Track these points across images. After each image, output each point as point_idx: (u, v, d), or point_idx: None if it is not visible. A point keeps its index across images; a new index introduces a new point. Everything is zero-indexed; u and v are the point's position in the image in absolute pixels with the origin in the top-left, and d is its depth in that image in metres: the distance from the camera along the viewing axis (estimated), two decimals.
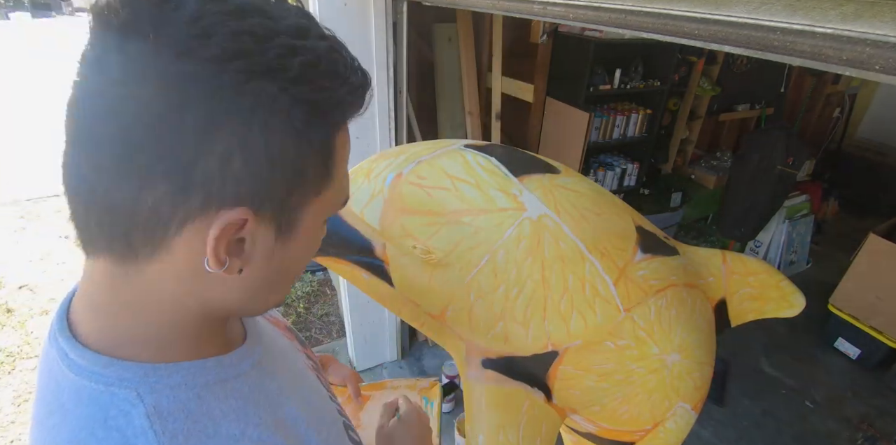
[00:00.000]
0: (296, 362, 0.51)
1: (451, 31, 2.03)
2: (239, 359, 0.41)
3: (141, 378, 0.34)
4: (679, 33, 0.55)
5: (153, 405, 0.33)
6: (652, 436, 0.78)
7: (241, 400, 0.38)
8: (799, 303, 0.88)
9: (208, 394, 0.36)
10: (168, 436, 0.32)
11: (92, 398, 0.33)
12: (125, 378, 0.34)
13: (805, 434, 2.05)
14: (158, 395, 0.34)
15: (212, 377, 0.37)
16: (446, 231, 0.70)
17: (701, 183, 3.35)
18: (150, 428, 0.32)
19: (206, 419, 0.35)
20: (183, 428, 0.33)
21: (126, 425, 0.32)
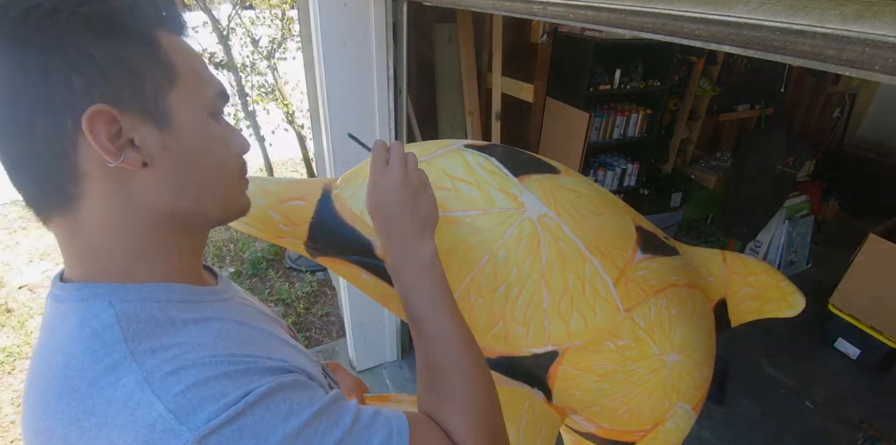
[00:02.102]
0: (272, 320, 0.54)
1: (451, 31, 2.03)
2: (206, 292, 0.46)
3: (112, 292, 0.40)
4: (679, 33, 0.55)
5: (122, 310, 0.39)
6: (652, 436, 0.78)
7: (204, 314, 0.43)
8: (799, 303, 0.88)
9: (172, 308, 0.41)
10: (132, 331, 0.38)
11: (71, 312, 0.40)
12: (97, 293, 0.40)
13: (805, 434, 2.05)
14: (127, 304, 0.40)
15: (176, 296, 0.43)
16: (446, 231, 0.70)
17: (701, 183, 3.35)
18: (116, 324, 0.38)
19: (168, 323, 0.40)
20: (146, 327, 0.38)
21: (97, 323, 0.38)
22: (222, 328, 0.42)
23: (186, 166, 0.43)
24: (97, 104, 0.37)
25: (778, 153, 2.55)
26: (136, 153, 0.39)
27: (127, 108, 0.39)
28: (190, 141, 0.42)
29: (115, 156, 0.38)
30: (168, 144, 0.41)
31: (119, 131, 0.39)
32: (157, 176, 0.41)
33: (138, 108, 0.39)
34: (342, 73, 1.46)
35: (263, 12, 3.07)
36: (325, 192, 0.79)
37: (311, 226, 0.77)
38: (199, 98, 0.44)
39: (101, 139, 0.37)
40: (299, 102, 3.39)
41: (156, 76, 0.40)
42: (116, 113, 0.38)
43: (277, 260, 3.11)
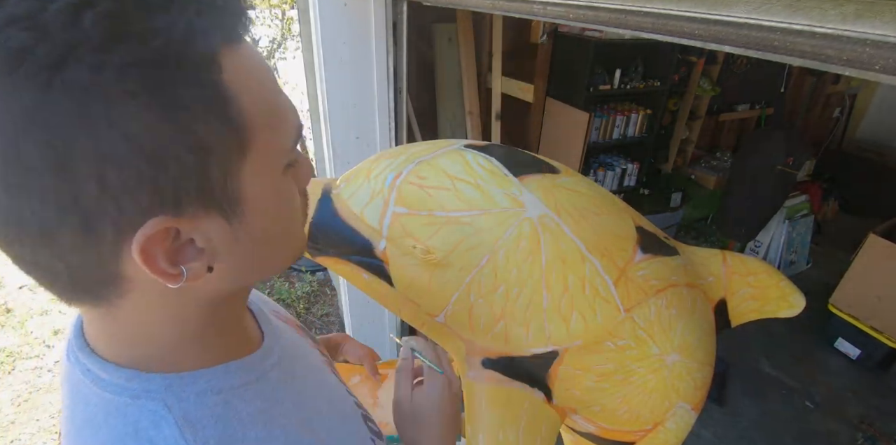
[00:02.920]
0: (312, 359, 0.51)
1: (451, 31, 2.03)
2: (260, 360, 0.40)
3: (166, 388, 0.34)
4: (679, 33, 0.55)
5: (181, 413, 0.33)
6: (652, 436, 0.78)
7: (266, 402, 0.37)
8: (799, 303, 0.88)
9: (234, 398, 0.36)
10: (200, 443, 0.32)
11: (120, 411, 0.33)
12: (150, 389, 0.33)
13: (805, 434, 2.04)
14: (185, 403, 0.33)
15: (236, 380, 0.37)
16: (446, 231, 0.70)
17: (701, 183, 3.35)
18: (181, 437, 0.32)
19: (235, 422, 0.34)
20: (213, 434, 0.33)
21: (157, 435, 0.32)
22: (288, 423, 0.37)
23: (259, 247, 0.34)
24: (150, 219, 0.27)
25: (778, 153, 2.55)
26: (199, 262, 0.31)
27: (186, 208, 0.28)
28: (264, 218, 0.33)
29: (177, 278, 0.30)
30: (238, 234, 0.32)
31: (177, 236, 0.29)
32: (223, 270, 0.33)
33: (201, 203, 0.29)
34: (342, 73, 1.46)
35: (263, 12, 3.07)
36: (325, 192, 0.79)
37: (311, 226, 0.77)
38: (277, 154, 0.32)
39: (160, 265, 0.29)
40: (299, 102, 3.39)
41: (224, 146, 0.28)
42: (174, 221, 0.28)
43: None
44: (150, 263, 0.28)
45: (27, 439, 1.95)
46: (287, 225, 0.37)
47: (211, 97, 0.27)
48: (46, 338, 2.47)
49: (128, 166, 0.25)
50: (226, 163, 0.29)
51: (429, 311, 0.75)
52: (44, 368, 2.30)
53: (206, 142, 0.27)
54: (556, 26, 2.30)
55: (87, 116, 0.24)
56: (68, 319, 0.51)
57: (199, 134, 0.27)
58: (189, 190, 0.28)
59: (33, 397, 2.14)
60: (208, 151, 0.28)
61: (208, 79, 0.27)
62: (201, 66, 0.26)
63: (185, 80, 0.26)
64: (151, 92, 0.25)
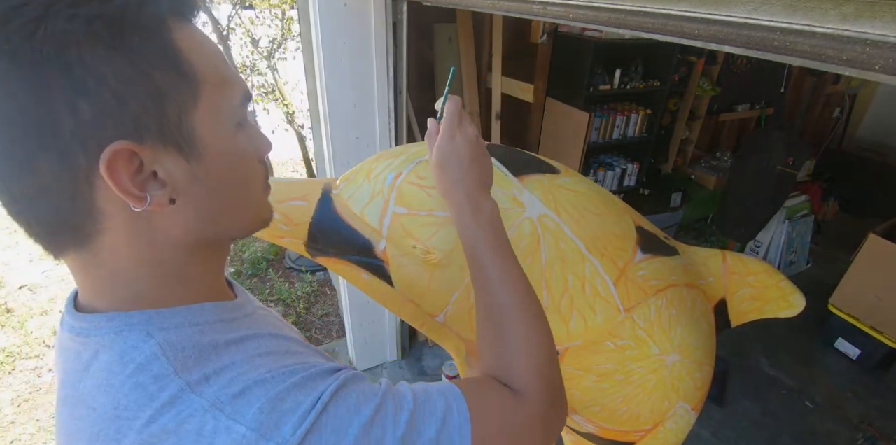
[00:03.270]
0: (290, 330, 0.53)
1: (451, 31, 2.03)
2: (233, 308, 0.44)
3: (147, 321, 0.37)
4: (679, 33, 0.55)
5: (162, 339, 0.36)
6: (652, 436, 0.78)
7: (240, 333, 0.41)
8: (799, 303, 0.88)
9: (209, 330, 0.39)
10: (178, 360, 0.35)
11: (105, 346, 0.36)
12: (131, 323, 0.37)
13: (805, 434, 2.05)
14: (166, 332, 0.37)
15: (210, 317, 0.40)
16: (446, 231, 0.70)
17: (701, 183, 3.35)
18: (161, 355, 0.35)
19: (210, 347, 0.37)
20: (191, 354, 0.36)
21: (139, 356, 0.35)
22: (262, 344, 0.41)
23: (216, 193, 0.39)
24: (114, 142, 0.32)
25: (778, 153, 2.55)
26: (161, 190, 0.35)
27: (147, 139, 0.33)
28: (219, 165, 0.38)
29: (140, 201, 0.34)
30: (197, 174, 0.36)
31: (140, 167, 0.34)
32: (186, 209, 0.37)
33: (160, 137, 0.34)
34: (342, 72, 1.46)
35: (263, 12, 3.07)
36: (326, 192, 0.79)
37: (311, 226, 0.77)
38: (226, 109, 0.38)
39: (124, 183, 0.33)
40: (299, 102, 3.39)
41: (178, 92, 0.34)
42: (136, 147, 0.33)
43: (277, 260, 3.11)
44: (116, 179, 0.32)
45: (27, 439, 1.95)
46: (244, 179, 0.41)
47: (163, 50, 0.33)
48: (46, 338, 2.47)
49: (96, 99, 0.31)
50: (179, 105, 0.34)
51: (429, 311, 0.75)
52: (44, 368, 2.30)
53: (161, 86, 0.33)
54: (556, 26, 2.30)
55: (64, 58, 0.29)
56: None
57: (155, 78, 0.33)
58: (149, 123, 0.33)
59: (33, 397, 2.14)
60: (163, 94, 0.33)
61: (160, 36, 0.33)
62: (154, 25, 0.33)
63: (141, 34, 0.32)
64: (113, 39, 0.31)
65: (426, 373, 2.26)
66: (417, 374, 2.26)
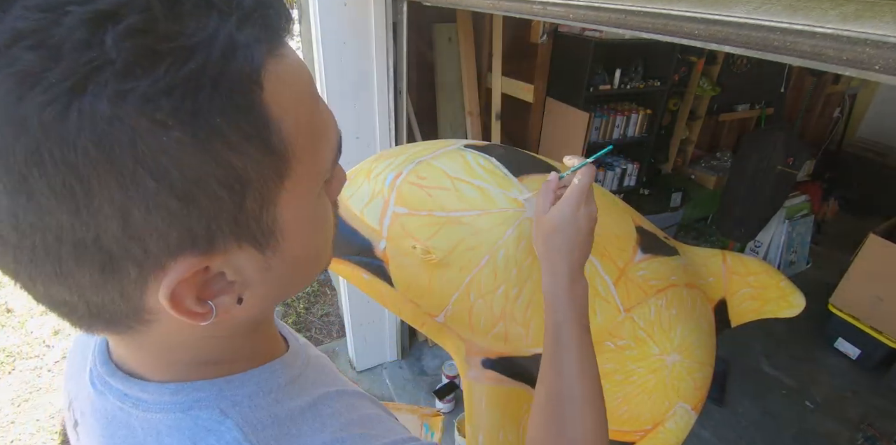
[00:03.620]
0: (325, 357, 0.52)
1: (451, 31, 2.03)
2: (294, 358, 0.39)
3: (217, 394, 0.32)
4: (679, 33, 0.55)
5: (240, 416, 0.31)
6: (652, 436, 0.78)
7: (311, 396, 0.37)
8: (799, 303, 0.88)
9: (283, 396, 0.35)
10: (262, 442, 0.31)
11: (173, 428, 0.31)
12: (201, 398, 0.31)
13: (805, 434, 2.05)
14: (240, 407, 0.32)
15: (282, 378, 0.36)
16: (446, 231, 0.70)
17: (701, 183, 3.35)
18: (244, 440, 0.30)
19: (289, 420, 0.33)
20: (272, 433, 0.32)
21: (218, 441, 0.30)
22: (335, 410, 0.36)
23: (290, 272, 0.32)
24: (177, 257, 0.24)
25: (778, 153, 2.55)
26: (228, 295, 0.28)
27: (218, 243, 0.26)
28: (299, 245, 0.30)
29: (205, 317, 0.27)
30: (271, 264, 0.29)
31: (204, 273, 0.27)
32: (254, 298, 0.31)
33: (235, 237, 0.26)
34: (342, 73, 1.46)
35: None
36: None
37: None
38: (317, 176, 0.30)
39: (186, 307, 0.26)
40: None
41: (263, 176, 0.25)
42: (205, 259, 0.25)
43: None
44: (178, 306, 0.26)
45: (27, 439, 1.95)
46: (320, 245, 0.34)
47: (251, 123, 0.24)
48: (46, 338, 2.47)
49: (155, 205, 0.22)
50: (263, 194, 0.26)
51: (429, 311, 0.75)
52: (44, 368, 2.29)
53: (243, 174, 0.24)
54: (556, 26, 2.30)
55: (108, 151, 0.20)
56: None
57: (237, 165, 0.24)
58: (223, 226, 0.25)
59: (33, 397, 2.14)
60: (245, 184, 0.25)
61: (249, 102, 0.23)
62: (242, 87, 0.23)
63: (224, 107, 0.22)
64: (184, 122, 0.21)
65: (426, 373, 2.26)
66: (417, 374, 2.26)
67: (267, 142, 0.25)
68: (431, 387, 2.13)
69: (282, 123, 0.25)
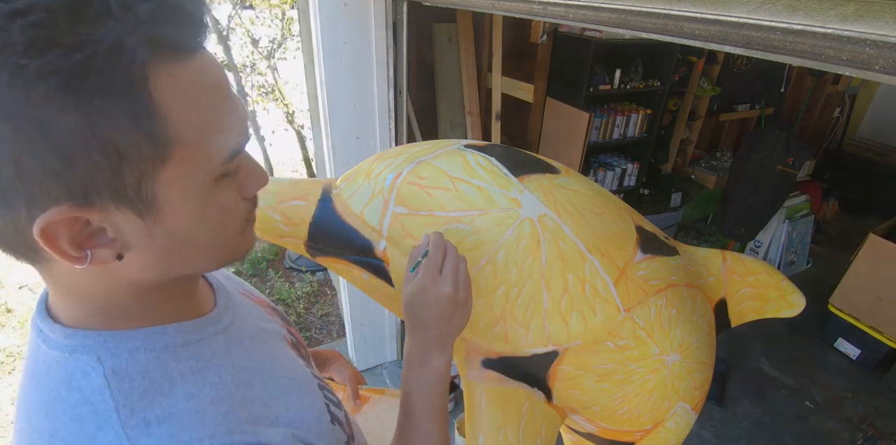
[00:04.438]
0: (272, 334, 0.53)
1: (451, 31, 2.03)
2: (202, 326, 0.43)
3: (101, 343, 0.36)
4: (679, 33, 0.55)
5: (111, 367, 0.35)
6: (652, 436, 0.78)
7: (201, 362, 0.40)
8: (799, 303, 0.88)
9: (167, 357, 0.38)
10: (123, 394, 0.35)
11: (58, 364, 0.36)
12: (86, 345, 0.36)
13: (805, 434, 2.04)
14: (117, 358, 0.36)
15: (171, 341, 0.39)
16: (446, 231, 0.70)
17: (701, 183, 3.35)
18: (106, 387, 0.35)
19: (163, 379, 0.37)
20: (139, 387, 0.35)
21: (86, 385, 0.35)
22: (220, 382, 0.39)
23: (179, 246, 0.36)
24: (56, 205, 0.29)
25: (778, 153, 2.55)
26: (107, 249, 0.33)
27: (95, 201, 0.30)
28: (185, 222, 0.35)
29: (79, 261, 0.32)
30: (153, 231, 0.34)
31: (86, 225, 0.31)
32: (142, 259, 0.35)
33: (112, 199, 0.31)
34: (342, 73, 1.46)
35: (263, 12, 3.07)
36: (326, 192, 0.79)
37: (311, 226, 0.77)
38: (204, 168, 0.34)
39: (61, 248, 0.31)
40: (299, 102, 3.39)
41: (140, 154, 0.30)
42: (80, 210, 0.30)
43: (277, 260, 3.11)
44: (51, 244, 0.30)
45: None
46: (215, 229, 0.38)
47: (131, 109, 0.29)
48: None
49: (40, 158, 0.27)
50: (141, 169, 0.31)
51: None
52: None
53: (121, 148, 0.29)
54: (556, 26, 2.30)
55: (7, 110, 0.26)
56: None
57: (115, 140, 0.29)
58: (99, 187, 0.30)
59: None
60: (122, 156, 0.29)
61: (132, 91, 0.28)
62: (125, 80, 0.28)
63: (105, 91, 0.27)
64: (67, 97, 0.26)
65: None
66: None
67: (149, 127, 0.30)
68: None
69: (167, 114, 0.30)
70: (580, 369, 0.72)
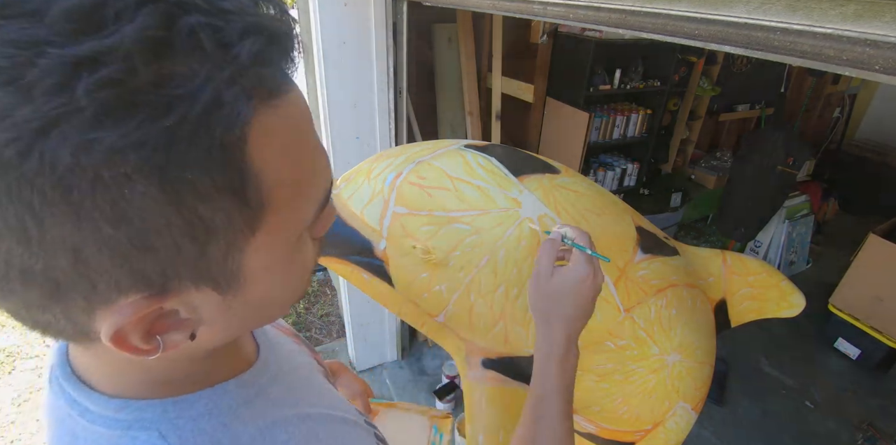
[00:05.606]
0: (309, 369, 0.50)
1: (451, 31, 2.03)
2: (258, 375, 0.38)
3: (160, 415, 0.31)
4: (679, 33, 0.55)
5: (177, 441, 0.30)
6: (652, 436, 0.78)
7: (267, 420, 0.35)
8: (799, 303, 0.88)
9: (233, 420, 0.33)
10: None
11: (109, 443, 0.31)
12: (143, 418, 0.31)
13: (805, 434, 2.04)
14: (182, 431, 0.31)
15: (233, 401, 0.34)
16: (446, 231, 0.70)
17: (701, 183, 3.35)
18: None
19: None
20: None
21: None
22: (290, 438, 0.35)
23: (254, 311, 0.31)
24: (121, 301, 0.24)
25: (778, 153, 2.55)
26: (180, 332, 0.27)
27: (172, 287, 0.25)
28: (265, 288, 0.30)
29: (151, 352, 0.27)
30: (232, 305, 0.29)
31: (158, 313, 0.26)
32: (215, 330, 0.30)
33: (193, 280, 0.25)
34: (342, 73, 1.46)
35: None
36: None
37: None
38: (294, 228, 0.29)
39: (132, 345, 0.26)
40: None
41: (231, 229, 0.24)
42: (157, 301, 0.25)
43: None
44: (122, 344, 0.25)
45: (27, 439, 1.95)
46: (291, 285, 0.32)
47: (226, 177, 0.23)
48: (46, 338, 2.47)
49: (109, 249, 0.21)
50: (229, 243, 0.25)
51: (429, 311, 0.75)
52: (44, 368, 2.30)
53: (210, 224, 0.23)
54: (556, 26, 2.30)
55: (65, 195, 0.20)
56: None
57: (204, 216, 0.23)
58: (180, 272, 0.24)
59: (34, 397, 2.14)
60: (211, 233, 0.24)
61: (228, 158, 0.22)
62: (222, 144, 0.22)
63: (198, 162, 0.21)
64: (151, 175, 0.20)
65: (426, 373, 2.26)
66: (417, 374, 2.26)
67: (241, 196, 0.24)
68: (431, 387, 2.13)
69: (262, 176, 0.24)
70: (580, 369, 0.72)
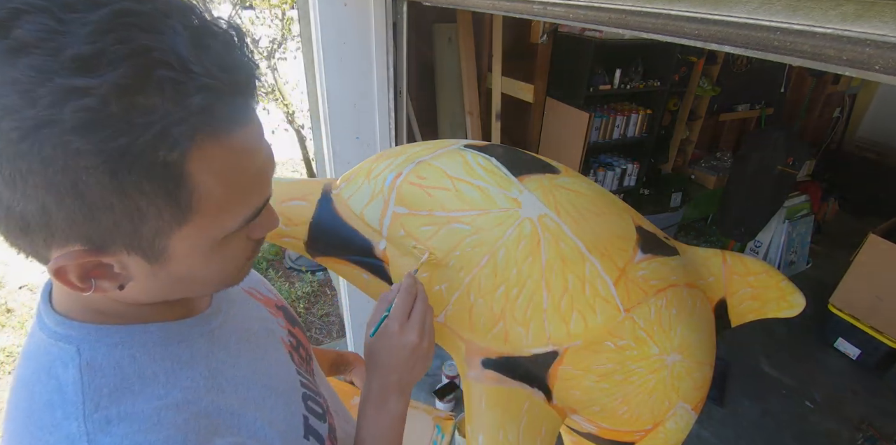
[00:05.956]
0: (267, 336, 0.53)
1: (451, 31, 2.03)
2: (188, 327, 0.44)
3: (84, 335, 0.39)
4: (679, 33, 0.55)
5: (88, 360, 0.37)
6: (652, 436, 0.78)
7: (177, 364, 0.41)
8: (799, 303, 0.88)
9: (144, 355, 0.40)
10: (93, 388, 0.36)
11: (46, 348, 0.39)
12: (70, 335, 0.39)
13: (805, 434, 2.04)
14: (95, 352, 0.38)
15: (151, 339, 0.41)
16: (446, 231, 0.70)
17: (701, 183, 3.35)
18: (79, 379, 0.36)
19: (135, 377, 0.38)
20: (110, 382, 0.37)
21: (63, 374, 0.37)
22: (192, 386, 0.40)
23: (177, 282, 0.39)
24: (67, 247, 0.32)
25: (778, 153, 2.55)
26: (111, 281, 0.36)
27: (110, 247, 0.33)
28: (188, 267, 0.38)
29: (84, 290, 0.35)
30: (157, 273, 0.37)
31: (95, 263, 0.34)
32: (141, 288, 0.38)
33: (125, 247, 0.34)
34: (342, 73, 1.46)
35: (263, 12, 3.07)
36: (326, 192, 0.79)
37: (311, 226, 0.77)
38: (217, 233, 0.37)
39: (69, 280, 0.34)
40: (299, 102, 3.39)
41: (162, 218, 0.33)
42: (94, 254, 0.33)
43: (277, 260, 3.11)
44: (61, 279, 0.34)
45: None
46: (217, 270, 0.40)
47: (164, 183, 0.31)
48: None
49: (66, 210, 0.30)
50: (158, 229, 0.33)
51: None
52: None
53: (145, 213, 0.32)
54: (556, 26, 2.30)
55: (46, 169, 0.28)
56: None
57: (141, 206, 0.31)
58: (116, 240, 0.33)
59: None
60: (144, 219, 0.32)
61: (168, 171, 0.31)
62: (164, 161, 0.30)
63: (142, 172, 0.30)
64: (104, 172, 0.29)
65: (426, 373, 2.26)
66: None
67: (175, 198, 0.32)
68: (431, 387, 2.13)
69: (196, 188, 0.32)
70: (580, 369, 0.72)
